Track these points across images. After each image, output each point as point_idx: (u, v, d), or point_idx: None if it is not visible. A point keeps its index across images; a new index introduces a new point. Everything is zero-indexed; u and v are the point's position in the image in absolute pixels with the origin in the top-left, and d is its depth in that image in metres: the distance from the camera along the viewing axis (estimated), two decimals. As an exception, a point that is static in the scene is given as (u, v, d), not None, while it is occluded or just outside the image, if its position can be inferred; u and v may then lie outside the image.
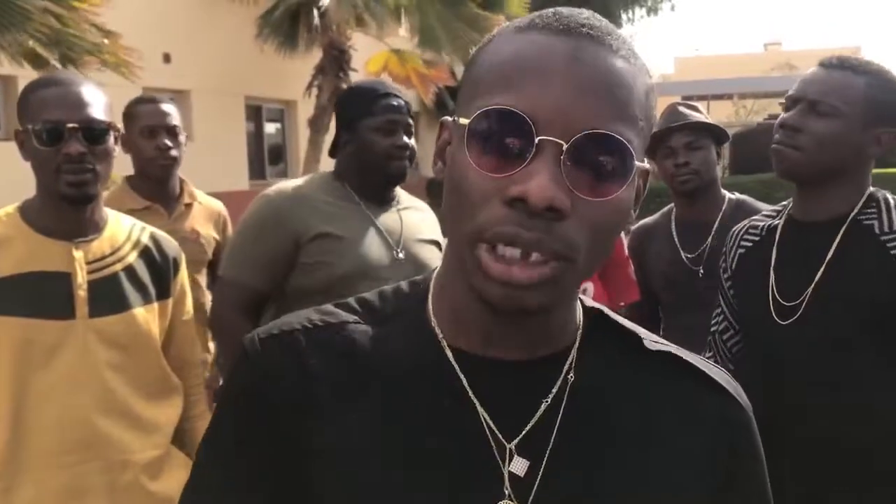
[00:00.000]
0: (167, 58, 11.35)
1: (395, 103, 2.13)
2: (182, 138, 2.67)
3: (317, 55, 11.74)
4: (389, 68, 12.08)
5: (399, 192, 2.26)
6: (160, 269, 1.82)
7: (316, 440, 0.73)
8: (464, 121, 0.67)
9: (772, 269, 1.71)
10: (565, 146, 0.63)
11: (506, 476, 0.71)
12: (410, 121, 2.16)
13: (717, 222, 2.41)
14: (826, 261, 1.63)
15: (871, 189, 1.69)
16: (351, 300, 0.80)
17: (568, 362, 0.75)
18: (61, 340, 1.65)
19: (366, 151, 2.11)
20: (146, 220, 2.14)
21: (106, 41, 7.03)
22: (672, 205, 2.59)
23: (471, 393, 0.73)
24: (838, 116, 1.60)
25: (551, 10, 0.70)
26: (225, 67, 11.90)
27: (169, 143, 2.60)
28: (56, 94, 1.65)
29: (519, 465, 0.72)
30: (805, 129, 1.61)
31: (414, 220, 2.22)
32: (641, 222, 2.69)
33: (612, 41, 0.67)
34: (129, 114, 2.64)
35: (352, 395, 0.73)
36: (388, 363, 0.75)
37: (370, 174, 2.13)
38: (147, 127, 2.59)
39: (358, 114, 2.13)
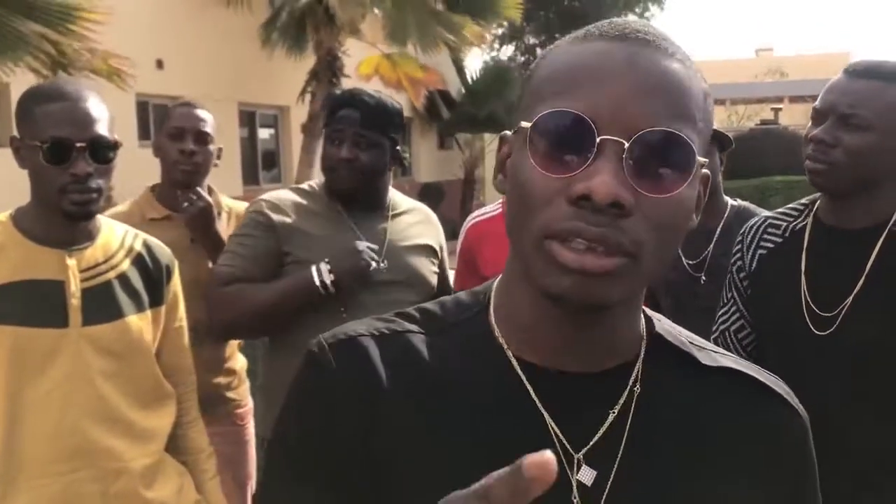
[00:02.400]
0: (160, 64, 11.34)
1: (349, 114, 2.10)
2: (212, 147, 2.49)
3: (310, 61, 11.76)
4: (381, 72, 12.11)
5: (395, 198, 2.25)
6: (153, 276, 1.81)
7: (382, 447, 0.73)
8: (526, 124, 0.68)
9: (803, 275, 1.67)
10: (626, 145, 0.65)
11: (574, 485, 0.72)
12: (365, 133, 2.09)
13: (718, 229, 2.40)
14: (866, 271, 1.59)
15: None
16: (411, 310, 0.80)
17: (634, 374, 0.76)
18: (55, 349, 1.64)
19: (321, 160, 2.16)
20: (163, 231, 2.15)
21: (99, 49, 7.03)
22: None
23: (538, 402, 0.73)
24: (872, 129, 1.55)
25: (606, 20, 0.72)
26: (218, 73, 11.89)
27: (194, 147, 2.42)
28: (63, 109, 1.63)
29: (586, 475, 0.72)
30: (838, 144, 1.57)
31: (403, 225, 2.21)
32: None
33: (667, 45, 0.69)
34: (164, 116, 2.53)
35: (418, 405, 0.74)
36: (453, 373, 0.75)
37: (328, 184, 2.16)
38: (175, 129, 2.44)
39: (324, 122, 2.20)
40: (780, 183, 12.53)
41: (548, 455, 0.47)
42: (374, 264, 2.02)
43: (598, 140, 0.65)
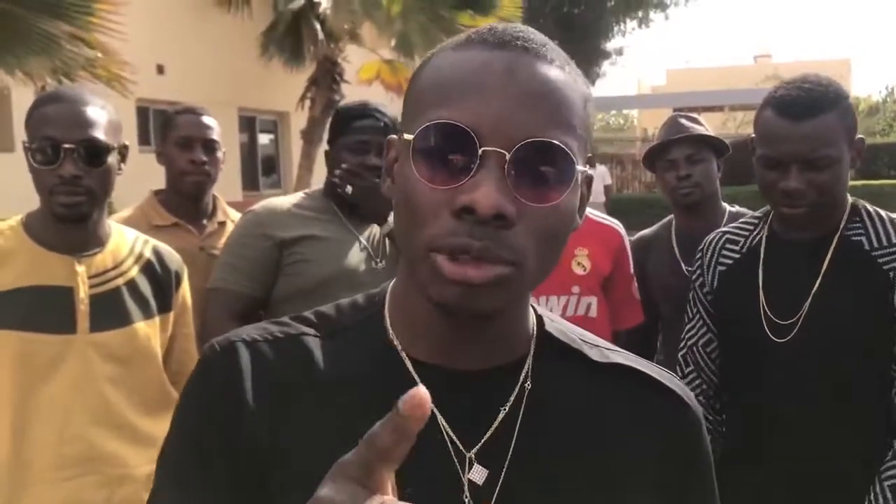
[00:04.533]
0: (161, 69, 11.35)
1: (370, 123, 2.12)
2: (220, 154, 2.47)
3: (310, 67, 11.77)
4: (381, 77, 12.11)
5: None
6: (162, 282, 1.82)
7: (271, 447, 0.73)
8: (409, 136, 0.69)
9: (760, 289, 1.73)
10: (508, 155, 0.66)
11: (465, 484, 0.73)
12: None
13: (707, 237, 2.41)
14: (819, 277, 1.66)
15: (851, 200, 1.71)
16: (308, 313, 0.81)
17: (524, 371, 0.77)
18: (62, 355, 1.65)
19: (333, 169, 2.15)
20: (173, 238, 2.13)
21: (99, 55, 7.03)
22: (671, 216, 2.59)
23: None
24: (836, 162, 1.61)
25: (487, 26, 0.73)
26: (219, 79, 11.91)
27: (204, 157, 2.40)
28: (57, 111, 1.64)
29: (478, 474, 0.73)
30: (810, 187, 1.61)
31: None
32: (641, 234, 2.70)
33: (546, 52, 0.70)
34: (168, 123, 2.49)
35: (309, 405, 0.74)
36: (346, 373, 0.75)
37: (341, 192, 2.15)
38: (183, 138, 2.40)
39: (336, 132, 2.19)
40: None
41: (420, 390, 0.52)
42: None
43: (480, 151, 0.66)
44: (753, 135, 1.73)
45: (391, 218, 2.24)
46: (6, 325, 1.61)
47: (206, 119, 2.46)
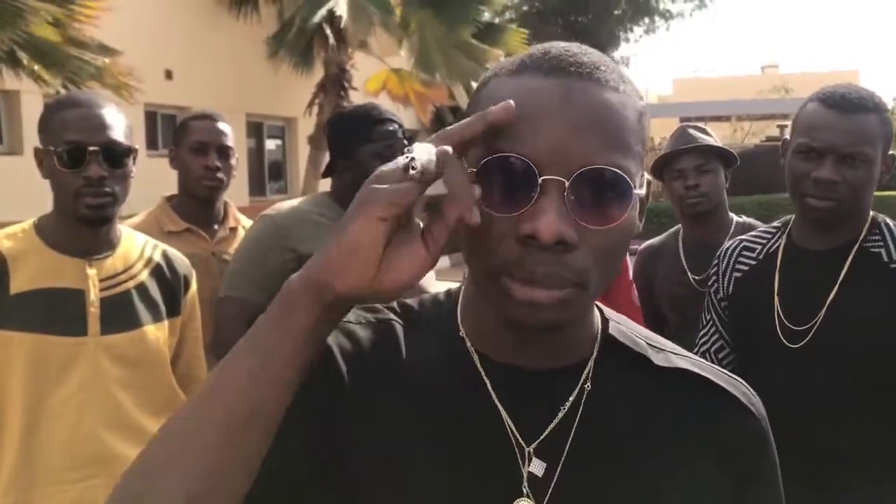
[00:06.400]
0: (169, 74, 11.42)
1: (391, 128, 2.15)
2: (233, 161, 2.50)
3: (318, 73, 11.82)
4: (388, 87, 12.16)
5: None
6: (171, 286, 1.84)
7: (352, 428, 0.77)
8: (472, 170, 0.71)
9: (776, 294, 1.74)
10: (567, 183, 0.68)
11: (524, 476, 0.76)
12: (406, 143, 2.15)
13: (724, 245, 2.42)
14: (837, 285, 1.67)
15: (872, 213, 1.73)
16: (394, 304, 0.85)
17: (586, 371, 0.80)
18: (73, 357, 1.66)
19: (366, 177, 2.12)
20: (185, 244, 2.15)
21: (107, 60, 7.09)
22: (678, 226, 2.61)
23: (494, 397, 0.77)
24: (871, 162, 1.63)
25: (541, 48, 0.75)
26: (227, 84, 11.97)
27: (218, 163, 2.42)
28: (78, 115, 1.67)
29: (537, 467, 0.76)
30: (842, 181, 1.63)
31: None
32: (647, 243, 2.71)
33: (599, 75, 0.72)
34: (182, 127, 2.50)
35: (387, 392, 0.79)
36: (421, 365, 0.80)
37: None
38: (198, 143, 2.42)
39: (356, 139, 2.14)
40: (783, 200, 12.53)
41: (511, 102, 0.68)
42: None
43: (540, 181, 0.68)
44: (779, 134, 1.75)
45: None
46: (20, 327, 1.63)
47: (221, 125, 2.47)
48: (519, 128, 0.70)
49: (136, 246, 1.82)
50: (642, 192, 0.74)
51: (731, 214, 2.56)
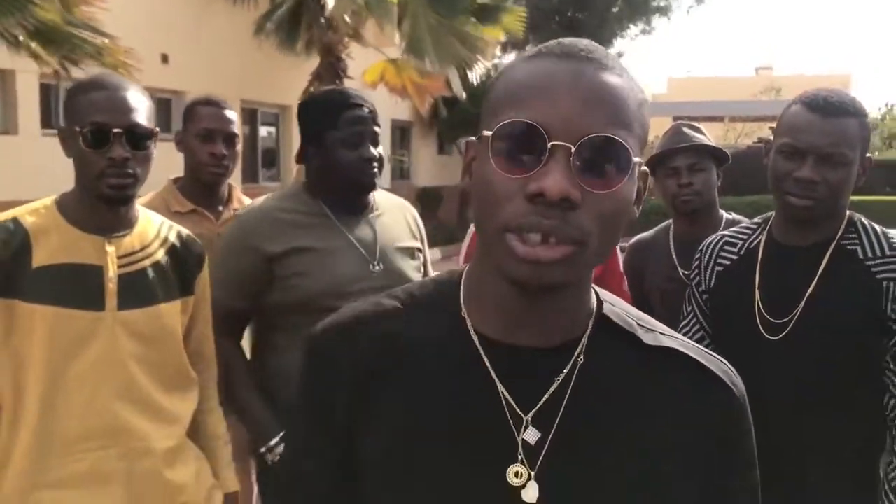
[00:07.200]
0: (165, 58, 11.39)
1: (359, 114, 2.07)
2: (238, 147, 2.57)
3: (314, 61, 11.81)
4: (386, 78, 12.14)
5: (374, 196, 2.21)
6: (186, 266, 1.89)
7: (362, 412, 0.88)
8: (488, 133, 0.80)
9: (757, 287, 1.82)
10: (573, 149, 0.76)
11: (519, 444, 0.84)
12: (377, 129, 2.11)
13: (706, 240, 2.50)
14: (815, 280, 1.76)
15: (849, 212, 1.82)
16: (398, 290, 0.95)
17: (580, 347, 0.87)
18: (91, 331, 1.72)
19: (334, 165, 2.07)
20: (192, 224, 2.21)
21: (106, 41, 7.10)
22: (669, 221, 2.66)
23: (493, 373, 0.85)
24: (850, 164, 1.72)
25: (555, 41, 0.85)
26: (222, 70, 11.95)
27: (224, 150, 2.50)
28: (104, 97, 1.72)
29: (531, 435, 0.84)
30: (822, 181, 1.71)
31: (388, 226, 2.20)
32: (638, 237, 2.77)
33: (607, 62, 0.81)
34: (189, 112, 2.56)
35: (389, 373, 0.88)
36: (422, 344, 0.89)
37: (340, 188, 2.11)
38: (205, 129, 2.49)
39: (322, 126, 2.08)
40: (771, 201, 12.60)
41: None
42: None
43: (549, 145, 0.76)
44: (771, 136, 1.83)
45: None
46: (41, 300, 1.69)
47: (229, 112, 2.55)
48: (533, 100, 0.78)
49: (153, 225, 1.88)
50: (641, 164, 0.82)
51: (722, 211, 2.62)
